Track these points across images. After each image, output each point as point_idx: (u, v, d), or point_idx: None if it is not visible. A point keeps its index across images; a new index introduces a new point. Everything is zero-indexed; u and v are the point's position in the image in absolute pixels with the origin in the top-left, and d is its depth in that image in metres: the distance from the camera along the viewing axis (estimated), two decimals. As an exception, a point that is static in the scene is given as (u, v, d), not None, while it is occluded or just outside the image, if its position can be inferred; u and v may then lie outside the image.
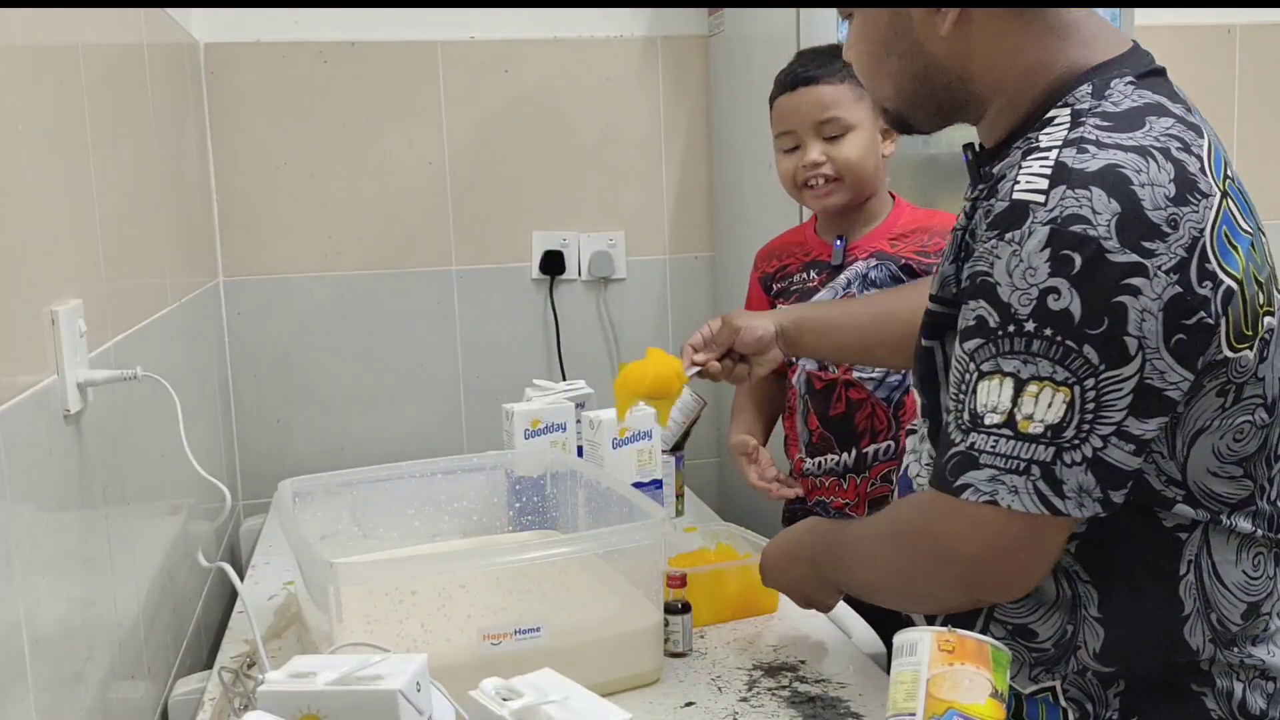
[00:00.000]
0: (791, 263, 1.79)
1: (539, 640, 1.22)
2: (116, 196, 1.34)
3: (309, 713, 0.87)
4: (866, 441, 1.69)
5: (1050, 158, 0.92)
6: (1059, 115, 0.96)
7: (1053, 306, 0.88)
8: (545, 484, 1.62)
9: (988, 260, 0.92)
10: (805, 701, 1.24)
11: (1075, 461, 0.89)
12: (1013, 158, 0.96)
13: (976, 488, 0.92)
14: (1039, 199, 0.90)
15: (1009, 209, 0.91)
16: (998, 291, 0.90)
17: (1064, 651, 1.00)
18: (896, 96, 1.08)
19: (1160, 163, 0.89)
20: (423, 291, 2.39)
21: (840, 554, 1.14)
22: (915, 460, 1.13)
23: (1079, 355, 0.88)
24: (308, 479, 1.50)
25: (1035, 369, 0.89)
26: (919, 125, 1.11)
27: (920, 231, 1.70)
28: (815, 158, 1.66)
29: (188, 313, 1.83)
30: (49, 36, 1.13)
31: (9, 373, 0.92)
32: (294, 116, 2.29)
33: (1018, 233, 0.89)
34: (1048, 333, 0.88)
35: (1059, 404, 0.89)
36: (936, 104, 1.07)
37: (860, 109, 1.67)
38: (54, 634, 0.98)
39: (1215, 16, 2.51)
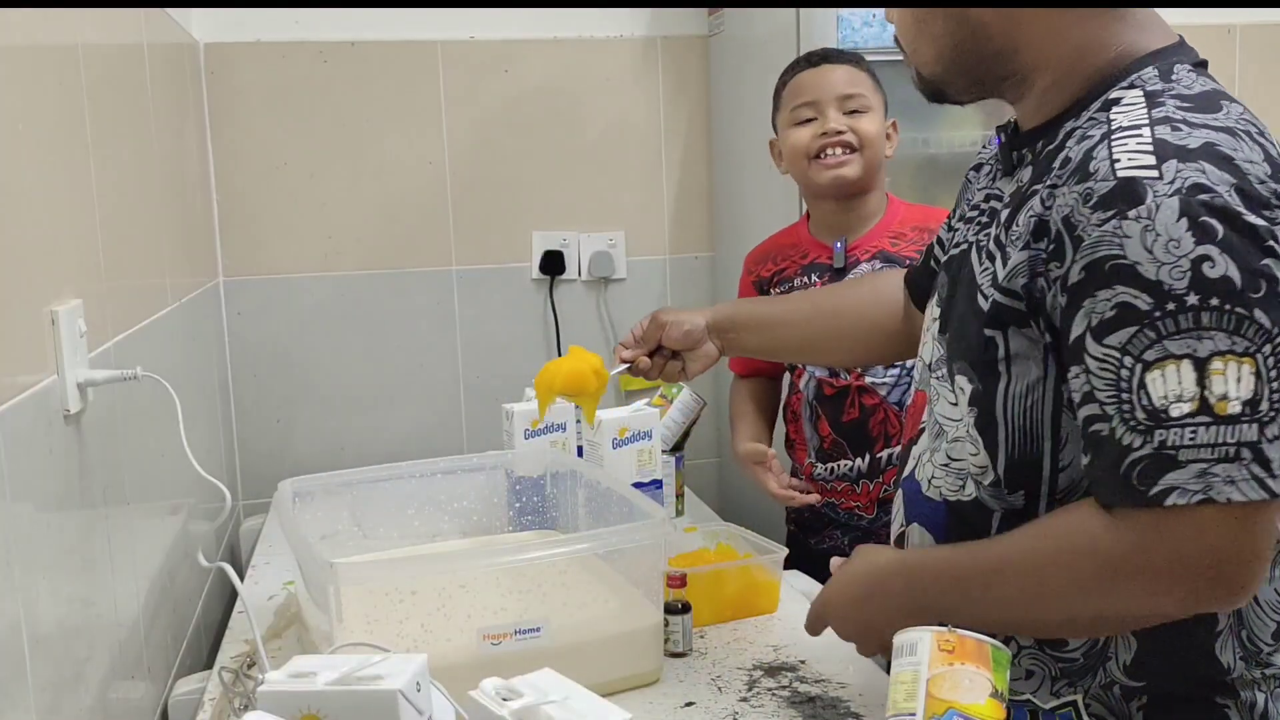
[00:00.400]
0: (788, 266, 1.78)
1: (539, 640, 1.22)
2: (116, 196, 1.34)
3: (309, 713, 0.87)
4: (880, 446, 1.70)
5: (1145, 135, 0.89)
6: (1127, 96, 0.94)
7: (1210, 274, 0.83)
8: (545, 484, 1.62)
9: (1113, 242, 0.86)
10: (805, 701, 1.24)
11: (1276, 435, 0.83)
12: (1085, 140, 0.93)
13: (1184, 489, 0.84)
14: (1151, 174, 0.86)
15: (1118, 187, 0.87)
16: (1139, 271, 0.85)
17: (1092, 663, 0.98)
18: (937, 61, 1.04)
19: (1248, 144, 0.88)
20: (423, 291, 2.39)
21: (967, 589, 1.00)
22: (926, 463, 1.09)
23: (1251, 321, 0.83)
24: (308, 479, 1.50)
25: (1213, 344, 0.83)
26: (955, 94, 1.07)
27: (920, 230, 1.70)
28: (837, 125, 1.68)
29: (188, 313, 1.83)
30: (49, 36, 1.13)
31: (9, 373, 0.92)
32: (294, 116, 2.29)
33: (1143, 208, 0.85)
34: (1214, 303, 0.83)
35: (1247, 376, 0.83)
36: (978, 74, 1.03)
37: (877, 99, 1.71)
38: (54, 634, 0.98)
39: (1215, 16, 2.51)
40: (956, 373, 1.03)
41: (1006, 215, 1.00)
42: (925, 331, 1.15)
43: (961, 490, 1.04)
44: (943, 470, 1.06)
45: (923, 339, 1.16)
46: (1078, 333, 0.90)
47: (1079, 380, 0.90)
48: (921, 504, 1.09)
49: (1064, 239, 0.90)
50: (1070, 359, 0.91)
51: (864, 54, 1.78)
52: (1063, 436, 0.97)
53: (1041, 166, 0.98)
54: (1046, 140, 1.00)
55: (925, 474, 1.09)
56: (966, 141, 2.00)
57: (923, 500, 1.09)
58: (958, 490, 1.04)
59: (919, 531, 1.10)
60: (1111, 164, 0.88)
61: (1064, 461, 0.97)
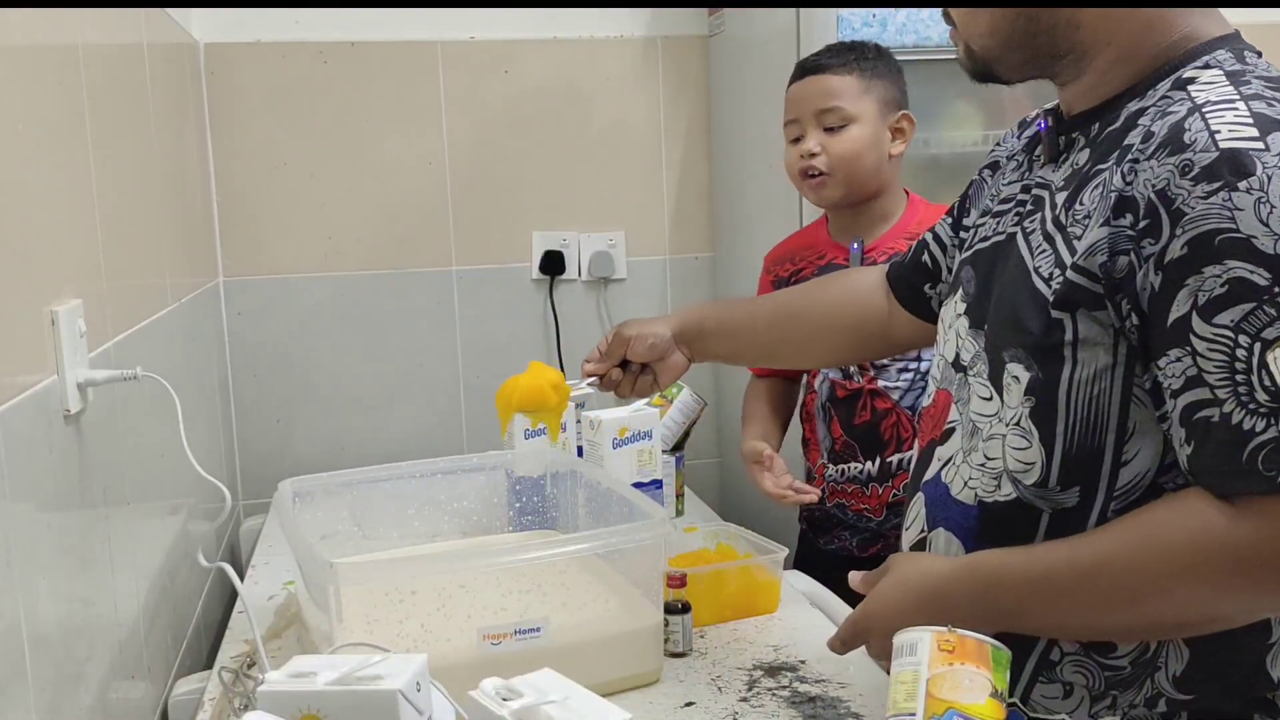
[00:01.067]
0: (806, 266, 1.77)
1: (539, 640, 1.22)
2: (116, 196, 1.34)
3: (309, 713, 0.87)
4: (891, 451, 1.68)
5: (1241, 109, 0.86)
6: (1204, 75, 0.92)
7: None
8: (545, 484, 1.62)
9: (1222, 215, 0.82)
10: (805, 701, 1.23)
11: None
12: (1167, 115, 0.90)
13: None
14: (1257, 145, 0.83)
15: (1223, 158, 0.83)
16: (1255, 245, 0.81)
17: (1140, 673, 0.95)
18: (993, 34, 1.00)
19: None
20: (423, 291, 2.39)
21: (1053, 597, 0.94)
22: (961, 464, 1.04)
23: None
24: (308, 479, 1.50)
25: None
26: (1004, 72, 1.03)
27: None
28: (810, 147, 1.66)
29: (188, 313, 1.83)
30: (49, 36, 1.13)
31: (9, 373, 0.92)
32: (294, 116, 2.29)
33: (1254, 179, 0.82)
34: None
35: None
36: (1035, 48, 0.99)
37: (865, 102, 1.66)
38: (54, 634, 0.98)
39: (1215, 16, 2.51)
40: (1009, 361, 0.98)
41: (1065, 198, 0.97)
42: (948, 329, 1.11)
43: (997, 491, 1.00)
44: (979, 470, 1.01)
45: (942, 337, 1.13)
46: (1180, 313, 0.85)
47: (1180, 364, 0.86)
48: (950, 507, 1.05)
49: (1158, 213, 0.86)
50: (1166, 342, 0.87)
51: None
52: (1129, 428, 0.93)
53: (1104, 146, 0.95)
54: (1105, 121, 0.97)
55: (959, 476, 1.04)
56: (968, 141, 2.00)
57: (951, 504, 1.05)
58: (993, 491, 1.00)
59: (945, 537, 1.05)
60: (1211, 135, 0.85)
61: (1127, 455, 0.93)
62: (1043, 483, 0.96)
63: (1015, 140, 1.18)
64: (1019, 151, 1.14)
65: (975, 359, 1.04)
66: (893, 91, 1.70)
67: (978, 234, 1.12)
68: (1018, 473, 0.98)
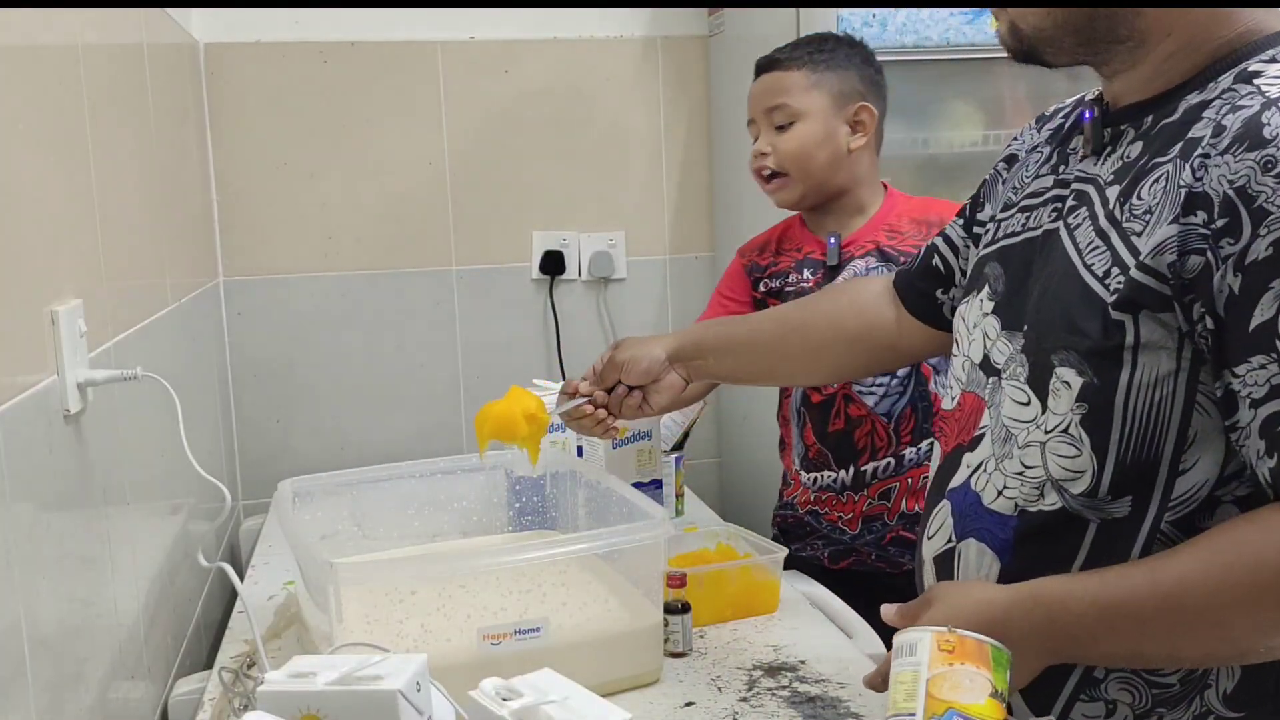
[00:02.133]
0: (784, 259, 1.73)
1: (539, 640, 1.22)
2: (116, 196, 1.34)
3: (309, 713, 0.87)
4: (865, 459, 1.64)
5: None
6: (1271, 69, 0.88)
7: None
8: (545, 484, 1.62)
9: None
10: (805, 701, 1.23)
11: None
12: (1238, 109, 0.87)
13: None
14: None
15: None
16: None
17: (1189, 690, 0.93)
18: (1045, 17, 0.95)
19: None
20: (423, 291, 2.39)
21: (1131, 626, 0.89)
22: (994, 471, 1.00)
23: None
24: (308, 479, 1.50)
25: None
26: (1053, 54, 0.98)
27: (919, 223, 1.65)
28: (760, 147, 1.65)
29: (188, 313, 1.83)
30: (49, 36, 1.13)
31: (9, 373, 0.92)
32: (294, 116, 2.29)
33: None
34: None
35: None
36: (1091, 31, 0.95)
37: (812, 97, 1.61)
38: (54, 634, 0.98)
39: (1215, 16, 2.51)
40: (1059, 365, 0.94)
41: (1118, 192, 0.93)
42: (972, 329, 1.07)
43: (1041, 500, 0.95)
44: (1017, 479, 0.97)
45: (965, 337, 1.09)
46: (1265, 318, 0.82)
47: (1264, 372, 0.82)
48: (982, 517, 1.00)
49: (1238, 211, 0.83)
50: (1248, 348, 0.83)
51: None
52: (1190, 436, 0.89)
53: (1160, 139, 0.92)
54: (1160, 113, 0.94)
55: (992, 483, 1.00)
56: (967, 142, 2.00)
57: (984, 513, 1.00)
58: (1035, 500, 0.96)
59: (977, 548, 1.01)
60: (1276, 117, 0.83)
61: (1185, 465, 0.90)
62: (1092, 492, 0.93)
63: (1034, 133, 1.14)
64: (1042, 144, 1.10)
65: (1010, 361, 1.00)
66: (851, 83, 1.63)
67: (1003, 228, 1.08)
68: (1065, 481, 0.94)
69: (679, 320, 2.51)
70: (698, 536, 1.60)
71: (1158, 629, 0.88)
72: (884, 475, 1.64)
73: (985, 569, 1.00)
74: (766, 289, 1.73)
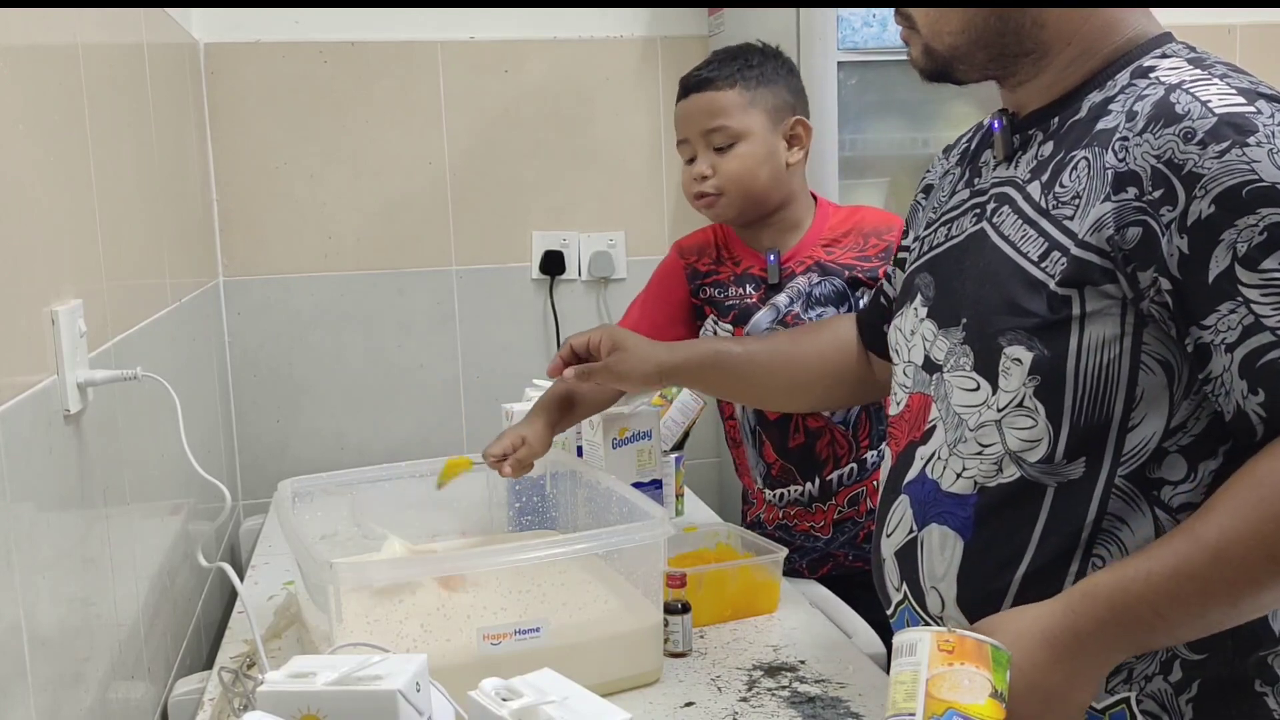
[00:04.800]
0: (723, 271, 1.69)
1: (539, 640, 1.22)
2: (116, 196, 1.34)
3: (309, 713, 0.87)
4: (829, 469, 1.63)
5: (1219, 84, 0.92)
6: (1165, 63, 0.98)
7: None
8: (545, 484, 1.62)
9: (1242, 170, 0.87)
10: (805, 701, 1.24)
11: None
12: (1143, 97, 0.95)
13: None
14: (1249, 109, 0.89)
15: (1222, 122, 0.89)
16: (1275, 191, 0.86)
17: None
18: (964, 32, 1.03)
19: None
20: (423, 291, 2.39)
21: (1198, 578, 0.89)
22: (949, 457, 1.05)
23: None
24: (308, 479, 1.50)
25: None
26: (965, 73, 1.07)
27: (852, 234, 1.63)
28: (701, 169, 1.60)
29: (188, 313, 1.83)
30: (49, 36, 1.13)
31: (9, 373, 0.92)
32: (294, 116, 2.29)
33: (1260, 135, 0.88)
34: None
35: None
36: (1001, 46, 1.03)
37: (751, 116, 1.59)
38: (54, 634, 0.98)
39: (1215, 16, 2.51)
40: (1006, 345, 0.99)
41: (1040, 185, 1.00)
42: (911, 336, 1.13)
43: (999, 474, 1.00)
44: (975, 458, 1.02)
45: (905, 345, 1.15)
46: (1221, 268, 0.88)
47: (1234, 316, 0.88)
48: (942, 501, 1.05)
49: (1170, 180, 0.90)
50: (1212, 299, 0.89)
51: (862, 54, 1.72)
52: (1137, 395, 0.95)
53: (1070, 135, 1.00)
54: (1065, 114, 1.02)
55: (950, 468, 1.05)
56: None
57: (944, 497, 1.05)
58: (994, 475, 1.01)
59: (940, 532, 1.05)
60: (1203, 104, 0.90)
61: (1134, 421, 0.96)
62: (1049, 458, 0.98)
63: (945, 161, 1.24)
64: (953, 168, 1.20)
65: (951, 354, 1.06)
66: (782, 97, 1.62)
67: (927, 243, 1.15)
68: (1022, 451, 0.99)
69: (679, 320, 2.51)
70: (698, 536, 1.60)
71: (1217, 584, 0.88)
72: (849, 481, 1.64)
73: (948, 550, 1.05)
74: (706, 296, 1.69)
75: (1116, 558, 0.95)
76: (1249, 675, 0.98)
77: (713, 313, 1.68)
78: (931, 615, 1.06)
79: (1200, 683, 0.98)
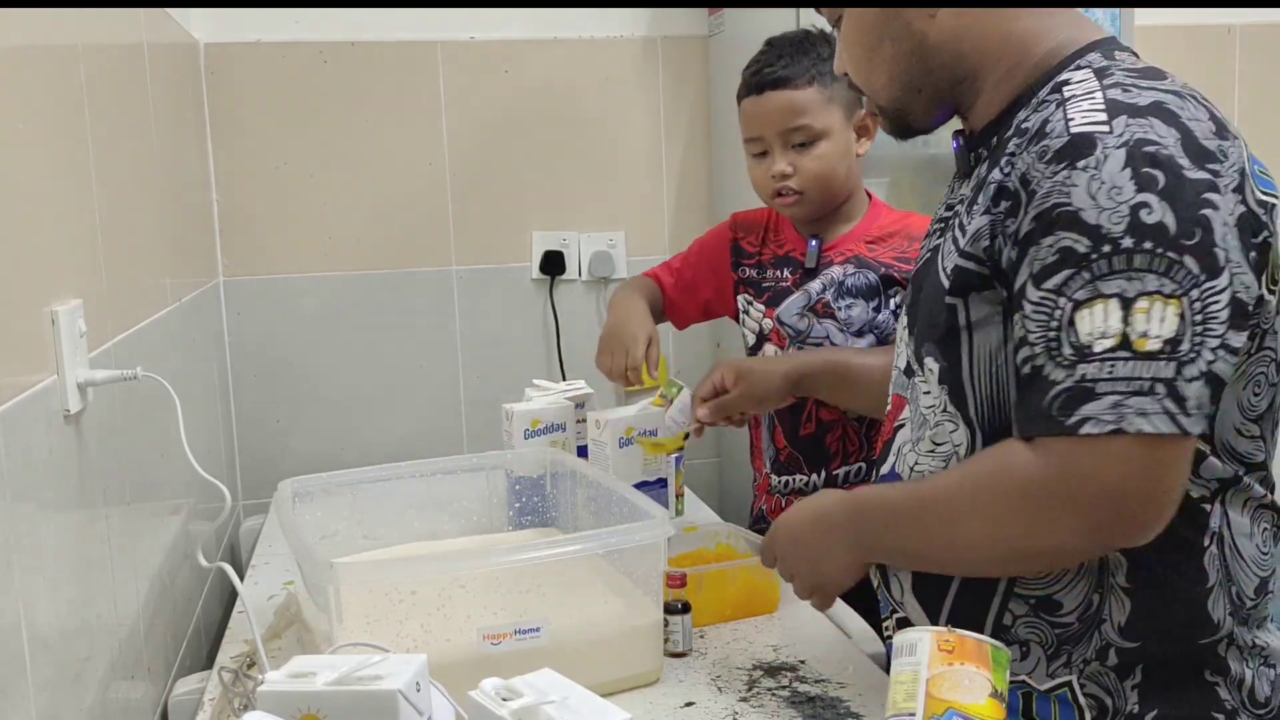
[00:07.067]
0: (765, 253, 1.71)
1: (539, 640, 1.22)
2: (116, 196, 1.34)
3: (309, 713, 0.87)
4: (837, 464, 1.63)
5: (1097, 98, 0.94)
6: (1076, 75, 0.99)
7: (1147, 220, 0.87)
8: (545, 484, 1.62)
9: (1061, 192, 0.91)
10: (805, 701, 1.24)
11: (1194, 376, 0.87)
12: (1040, 113, 0.97)
13: (1098, 419, 0.88)
14: (1103, 129, 0.91)
15: (1071, 142, 0.91)
16: (1083, 217, 0.89)
17: (1087, 627, 1.00)
18: (891, 86, 1.09)
19: (1194, 105, 0.94)
20: (423, 291, 2.39)
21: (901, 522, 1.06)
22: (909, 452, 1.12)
23: (1181, 266, 0.87)
24: (308, 479, 1.50)
25: (1141, 285, 0.87)
26: (917, 120, 1.12)
27: (899, 235, 1.64)
28: (782, 168, 1.59)
29: (188, 313, 1.83)
30: (49, 36, 1.13)
31: (9, 373, 0.92)
32: (294, 116, 2.29)
33: (1091, 159, 0.90)
34: (1147, 246, 0.87)
35: (1171, 317, 0.87)
36: (933, 88, 1.08)
37: (829, 112, 1.59)
38: (54, 634, 0.98)
39: (1215, 16, 2.51)
40: (925, 355, 1.07)
41: (967, 205, 1.05)
42: (899, 343, 1.18)
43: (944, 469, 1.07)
44: (928, 456, 1.08)
45: (897, 352, 1.19)
46: (1021, 281, 0.94)
47: (1019, 327, 0.95)
48: None
49: (1020, 195, 0.95)
50: (1016, 309, 0.95)
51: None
52: None
53: (999, 153, 1.02)
54: (1000, 132, 1.04)
55: (908, 463, 1.12)
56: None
57: None
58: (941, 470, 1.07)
59: None
60: (1066, 123, 0.93)
61: None
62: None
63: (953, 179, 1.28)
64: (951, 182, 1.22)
65: (913, 358, 1.11)
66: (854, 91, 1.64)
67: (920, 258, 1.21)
68: (957, 449, 1.05)
69: (679, 320, 2.51)
70: (698, 536, 1.60)
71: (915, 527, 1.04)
72: (855, 480, 1.63)
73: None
74: (744, 276, 1.73)
75: None
76: (1195, 664, 1.00)
77: (748, 291, 1.71)
78: (895, 600, 1.13)
79: (1143, 669, 1.00)
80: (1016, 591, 1.02)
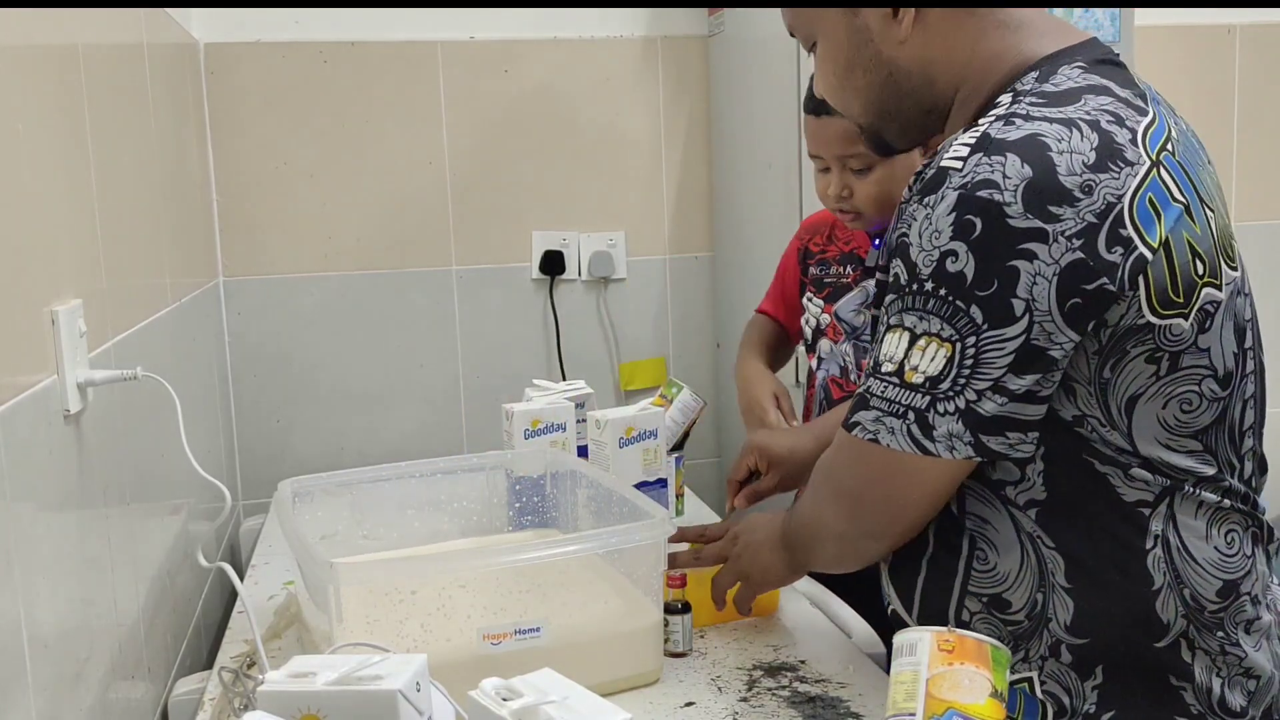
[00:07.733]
0: (832, 248, 1.74)
1: (539, 640, 1.22)
2: (116, 196, 1.34)
3: (309, 713, 0.87)
4: None
5: (978, 129, 0.96)
6: (1000, 100, 1.01)
7: (949, 269, 0.93)
8: (545, 484, 1.62)
9: (908, 222, 0.97)
10: (805, 701, 1.24)
11: (948, 411, 0.96)
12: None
13: (864, 426, 1.01)
14: (957, 165, 0.94)
15: (933, 175, 0.96)
16: (909, 252, 0.96)
17: (1036, 625, 1.01)
18: (866, 112, 1.12)
19: (1085, 133, 0.94)
20: (423, 291, 2.39)
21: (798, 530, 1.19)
22: None
23: (965, 315, 0.94)
24: (308, 479, 1.50)
25: (927, 325, 0.95)
26: (894, 141, 1.14)
27: None
28: (838, 190, 1.60)
29: (188, 313, 1.83)
30: (49, 36, 1.13)
31: (9, 373, 0.92)
32: (294, 116, 2.29)
33: (933, 197, 0.95)
34: (942, 292, 0.94)
35: (940, 358, 0.95)
36: (906, 113, 1.10)
37: None
38: (54, 634, 0.98)
39: (1215, 16, 2.51)
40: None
41: None
42: None
43: None
44: None
45: None
46: (880, 303, 1.03)
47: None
48: None
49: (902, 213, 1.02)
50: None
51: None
52: None
53: None
54: None
55: None
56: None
57: None
58: None
59: None
60: (941, 154, 0.97)
61: None
62: None
63: None
64: None
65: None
66: None
67: None
68: None
69: (679, 320, 2.52)
70: (698, 536, 1.60)
71: (797, 529, 1.19)
72: None
73: None
74: (810, 275, 1.75)
75: (991, 556, 1.03)
76: (1156, 668, 1.00)
77: (811, 288, 1.74)
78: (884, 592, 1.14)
79: (1104, 670, 1.00)
80: (970, 589, 1.04)
